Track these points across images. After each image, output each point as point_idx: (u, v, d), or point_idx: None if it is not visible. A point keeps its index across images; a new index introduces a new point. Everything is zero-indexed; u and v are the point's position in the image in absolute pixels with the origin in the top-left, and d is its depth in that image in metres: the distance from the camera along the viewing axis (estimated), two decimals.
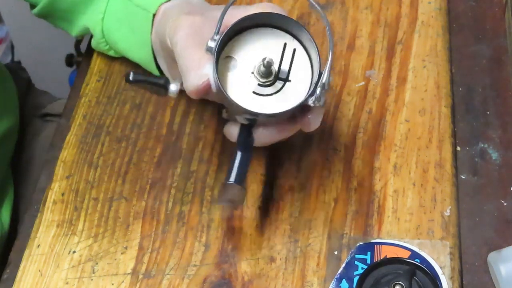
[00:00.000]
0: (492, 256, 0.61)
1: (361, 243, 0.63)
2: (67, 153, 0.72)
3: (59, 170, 0.71)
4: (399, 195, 0.66)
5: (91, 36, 0.78)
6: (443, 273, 0.60)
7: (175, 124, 0.73)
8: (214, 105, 0.72)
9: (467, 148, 0.69)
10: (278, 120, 0.60)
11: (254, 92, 0.59)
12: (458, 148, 0.69)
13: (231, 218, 0.66)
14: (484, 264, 0.62)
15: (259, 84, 0.59)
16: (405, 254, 0.61)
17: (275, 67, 0.59)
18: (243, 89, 0.59)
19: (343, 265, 0.62)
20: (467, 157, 0.69)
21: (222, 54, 0.60)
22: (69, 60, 1.51)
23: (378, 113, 0.72)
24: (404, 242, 0.62)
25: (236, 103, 0.58)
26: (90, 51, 0.80)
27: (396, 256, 0.61)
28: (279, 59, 0.59)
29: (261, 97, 0.59)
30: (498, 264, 0.59)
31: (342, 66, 0.75)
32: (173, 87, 0.62)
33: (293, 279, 0.62)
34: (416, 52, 0.76)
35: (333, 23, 0.79)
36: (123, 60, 0.77)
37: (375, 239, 0.63)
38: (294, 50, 0.60)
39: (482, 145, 0.69)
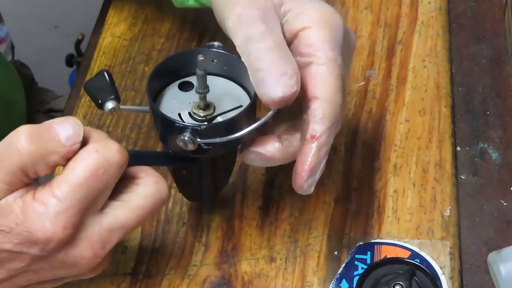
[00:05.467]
0: (492, 256, 0.61)
1: (361, 243, 0.63)
2: None
3: (61, 170, 0.70)
4: (399, 195, 0.66)
5: None
6: (443, 273, 0.60)
7: None
8: None
9: (467, 148, 0.69)
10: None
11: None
12: (458, 148, 0.69)
13: (231, 218, 0.66)
14: (484, 264, 0.62)
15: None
16: (405, 254, 0.61)
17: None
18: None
19: (343, 265, 0.61)
20: (467, 157, 0.69)
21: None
22: (69, 60, 1.51)
23: (378, 113, 0.71)
24: (404, 242, 0.62)
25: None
26: (90, 51, 0.80)
27: (396, 256, 0.61)
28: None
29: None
30: (498, 264, 0.59)
31: None
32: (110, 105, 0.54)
33: (293, 279, 0.62)
34: (416, 52, 0.76)
35: None
36: (123, 60, 0.77)
37: (375, 239, 0.63)
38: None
39: (482, 145, 0.69)
